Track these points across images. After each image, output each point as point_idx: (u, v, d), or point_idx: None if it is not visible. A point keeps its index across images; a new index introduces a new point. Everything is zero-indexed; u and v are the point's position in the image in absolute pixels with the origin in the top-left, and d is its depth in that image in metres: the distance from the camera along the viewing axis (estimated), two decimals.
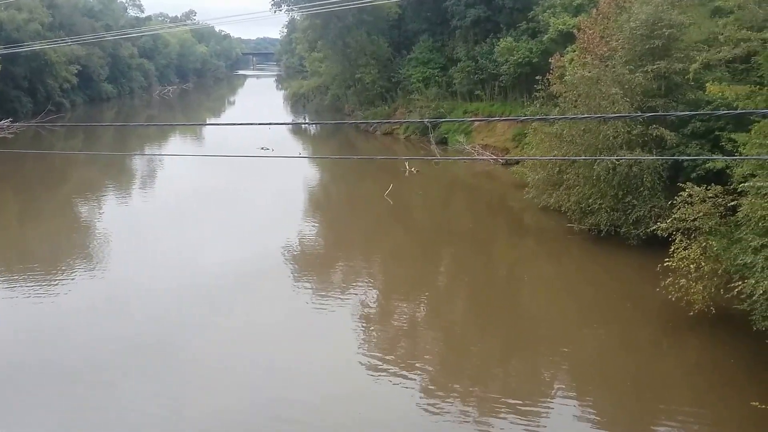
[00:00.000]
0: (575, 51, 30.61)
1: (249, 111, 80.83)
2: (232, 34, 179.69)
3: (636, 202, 22.00)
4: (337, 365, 16.04)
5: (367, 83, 56.79)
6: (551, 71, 30.76)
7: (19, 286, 21.14)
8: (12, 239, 27.28)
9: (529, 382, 15.62)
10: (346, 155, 46.05)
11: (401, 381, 15.28)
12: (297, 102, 79.65)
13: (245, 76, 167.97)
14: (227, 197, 33.05)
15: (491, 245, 26.39)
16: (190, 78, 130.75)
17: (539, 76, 30.75)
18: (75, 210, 32.64)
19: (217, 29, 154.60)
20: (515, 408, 14.16)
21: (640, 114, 22.00)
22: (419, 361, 16.38)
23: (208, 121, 71.04)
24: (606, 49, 25.73)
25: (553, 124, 24.99)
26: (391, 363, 16.06)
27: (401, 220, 30.70)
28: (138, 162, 45.40)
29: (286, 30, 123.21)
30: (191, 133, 58.92)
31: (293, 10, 65.31)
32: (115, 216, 30.73)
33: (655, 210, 21.43)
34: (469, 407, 14.36)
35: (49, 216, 30.64)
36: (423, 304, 20.48)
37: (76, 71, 74.68)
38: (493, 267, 23.91)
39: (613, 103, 22.40)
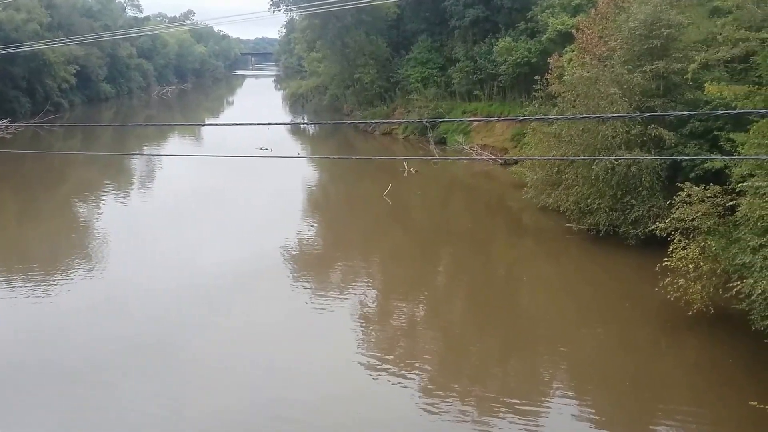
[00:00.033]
0: (574, 51, 30.65)
1: (248, 111, 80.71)
2: (230, 34, 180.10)
3: (635, 202, 22.03)
4: (336, 365, 16.06)
5: (366, 83, 56.77)
6: (550, 71, 30.82)
7: (18, 286, 21.16)
8: (11, 239, 27.28)
9: (527, 381, 15.65)
10: (345, 155, 46.04)
11: (401, 381, 15.30)
12: (296, 102, 79.55)
13: (244, 76, 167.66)
14: (226, 197, 33.04)
15: (490, 245, 26.41)
16: (188, 78, 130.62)
17: (538, 76, 30.80)
18: (74, 210, 32.64)
19: (215, 29, 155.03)
20: (514, 407, 14.19)
21: (639, 114, 22.05)
22: (418, 361, 16.40)
23: (206, 122, 70.93)
24: (604, 49, 25.77)
25: (551, 124, 25.02)
26: (390, 363, 16.09)
27: (400, 220, 30.71)
28: (137, 162, 45.35)
29: (284, 30, 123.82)
30: (190, 134, 58.87)
31: (292, 10, 65.35)
32: (114, 216, 30.73)
33: (654, 210, 21.45)
34: (468, 407, 14.38)
35: (48, 216, 30.64)
36: (422, 304, 20.51)
37: (75, 71, 74.67)
38: (491, 267, 23.95)
39: (612, 103, 22.42)
